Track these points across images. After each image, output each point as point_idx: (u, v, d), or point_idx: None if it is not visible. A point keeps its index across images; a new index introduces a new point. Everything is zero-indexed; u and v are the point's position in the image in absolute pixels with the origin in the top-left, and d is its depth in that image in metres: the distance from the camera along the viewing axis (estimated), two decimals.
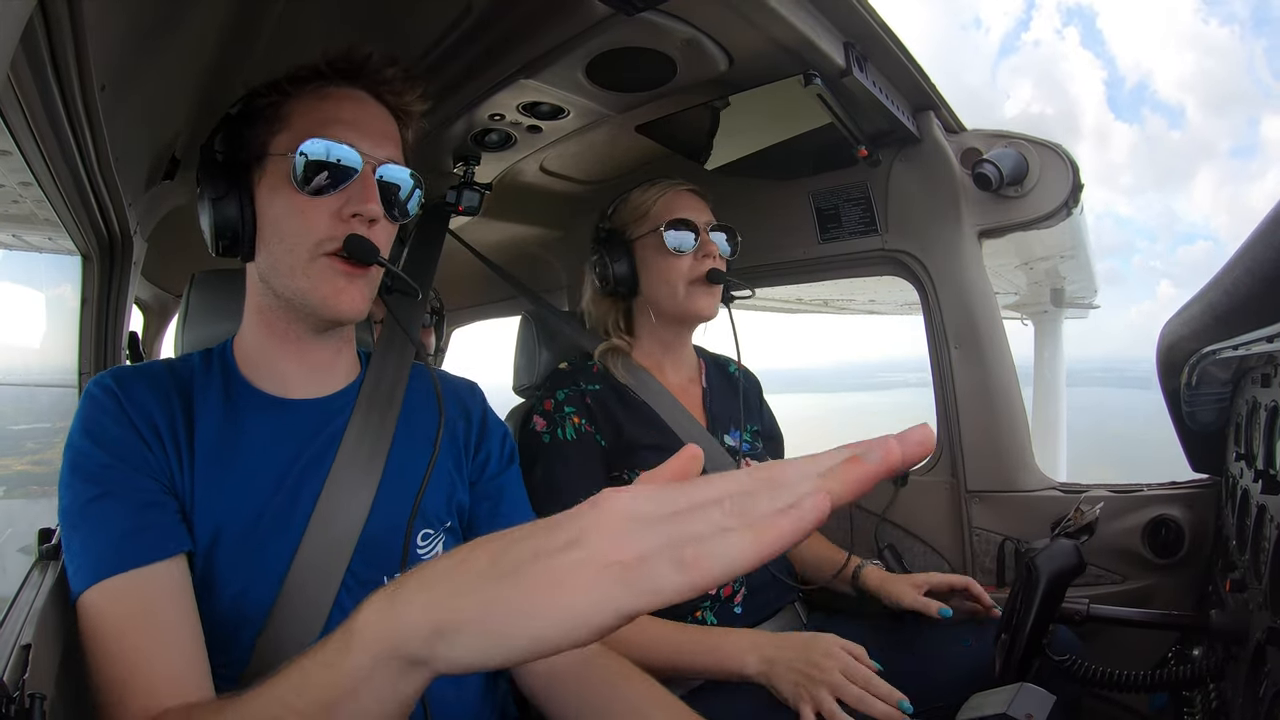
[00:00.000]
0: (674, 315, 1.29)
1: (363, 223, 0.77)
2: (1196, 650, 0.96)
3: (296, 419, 0.83)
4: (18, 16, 0.45)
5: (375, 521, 0.81)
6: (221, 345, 0.87)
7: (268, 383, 0.83)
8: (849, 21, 1.10)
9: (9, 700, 0.51)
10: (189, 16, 0.88)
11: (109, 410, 0.75)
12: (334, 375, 0.87)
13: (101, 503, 0.70)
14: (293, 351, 0.83)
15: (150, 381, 0.78)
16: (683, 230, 1.25)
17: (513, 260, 1.92)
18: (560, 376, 1.27)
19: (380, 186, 0.79)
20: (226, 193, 0.77)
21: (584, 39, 1.02)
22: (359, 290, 0.79)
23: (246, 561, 0.75)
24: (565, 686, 0.84)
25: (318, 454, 0.82)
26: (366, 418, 0.86)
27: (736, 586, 1.20)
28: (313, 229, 0.76)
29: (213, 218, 0.77)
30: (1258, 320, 0.69)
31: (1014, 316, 6.67)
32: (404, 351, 0.95)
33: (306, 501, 0.79)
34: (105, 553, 0.68)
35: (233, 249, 0.79)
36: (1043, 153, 1.36)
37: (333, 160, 0.75)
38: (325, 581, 0.77)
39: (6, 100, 0.70)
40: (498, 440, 0.97)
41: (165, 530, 0.72)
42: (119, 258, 1.31)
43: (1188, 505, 1.24)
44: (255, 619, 0.74)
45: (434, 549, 0.85)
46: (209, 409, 0.79)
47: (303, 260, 0.77)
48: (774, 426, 1.49)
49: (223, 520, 0.75)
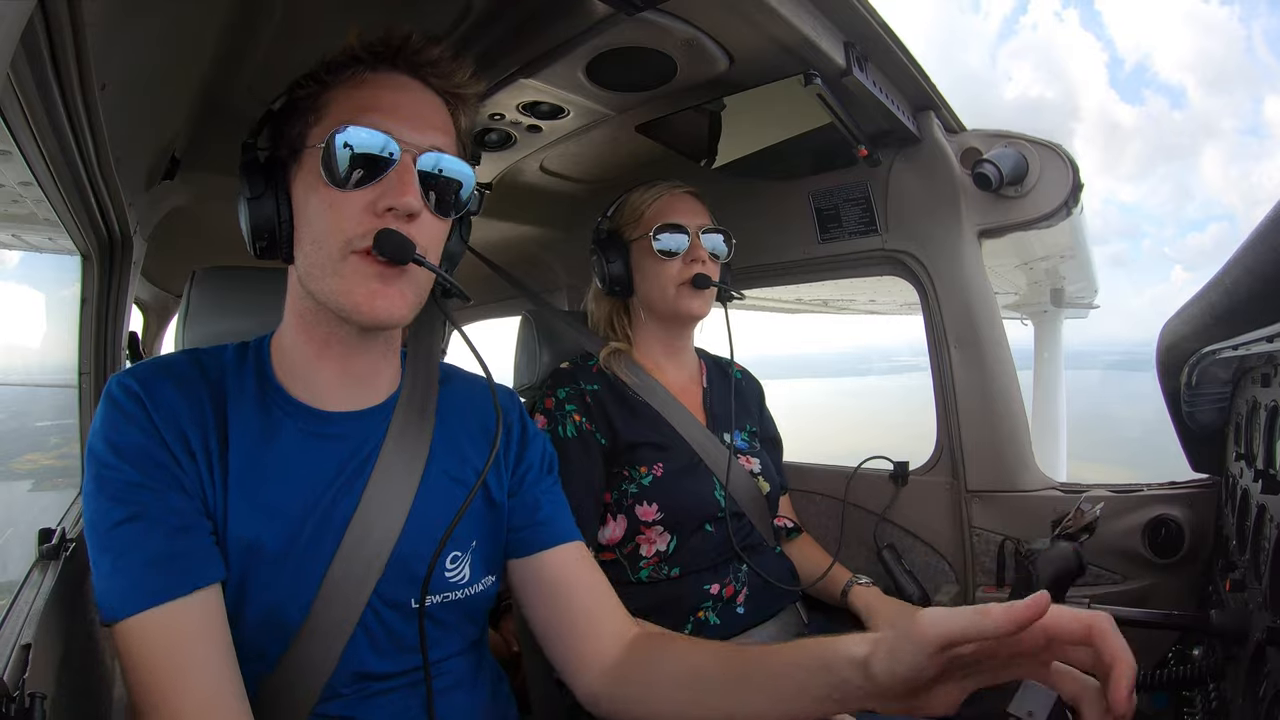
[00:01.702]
0: (665, 315, 1.31)
1: (398, 217, 0.70)
2: (1196, 650, 0.97)
3: (334, 434, 0.78)
4: (18, 16, 0.45)
5: (406, 541, 0.77)
6: (259, 341, 0.81)
7: (305, 391, 0.78)
8: (849, 21, 1.10)
9: (9, 700, 0.51)
10: (189, 16, 0.88)
11: (134, 418, 0.69)
12: (375, 387, 0.82)
13: (132, 525, 0.66)
14: (332, 359, 0.78)
15: (178, 381, 0.73)
16: (673, 235, 1.26)
17: (513, 260, 1.92)
18: (561, 375, 1.28)
19: (424, 178, 0.72)
20: (263, 191, 0.72)
21: (584, 39, 1.02)
22: (398, 293, 0.72)
23: (277, 583, 0.72)
24: (618, 676, 0.82)
25: (354, 472, 0.77)
26: (404, 429, 0.81)
27: (739, 587, 1.20)
28: (342, 225, 0.70)
29: (249, 218, 0.73)
30: (1258, 320, 0.70)
31: (1014, 316, 6.69)
32: (432, 355, 0.90)
33: (340, 521, 0.75)
34: (136, 582, 0.65)
35: (270, 250, 0.74)
36: (1042, 152, 1.36)
37: (364, 149, 0.69)
38: (353, 602, 0.74)
39: (6, 100, 0.70)
40: (538, 451, 0.93)
41: (199, 558, 0.68)
42: (119, 258, 1.31)
43: (1188, 505, 1.24)
44: (281, 638, 0.72)
45: (462, 570, 0.82)
46: (243, 417, 0.74)
47: (333, 259, 0.70)
48: (773, 430, 1.49)
49: (255, 540, 0.71)
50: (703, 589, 1.18)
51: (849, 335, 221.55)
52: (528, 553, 0.87)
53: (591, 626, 0.85)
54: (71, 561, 0.88)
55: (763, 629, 1.21)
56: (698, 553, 1.19)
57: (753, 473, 1.30)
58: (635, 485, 1.19)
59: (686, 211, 1.29)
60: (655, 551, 1.19)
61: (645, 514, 1.18)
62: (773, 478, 1.33)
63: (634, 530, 1.19)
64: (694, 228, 1.27)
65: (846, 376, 64.22)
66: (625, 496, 1.19)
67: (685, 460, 1.23)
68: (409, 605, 0.77)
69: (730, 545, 1.21)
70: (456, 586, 0.82)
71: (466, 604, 0.83)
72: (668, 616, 1.15)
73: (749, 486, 1.28)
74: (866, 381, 55.46)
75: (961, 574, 1.45)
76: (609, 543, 1.20)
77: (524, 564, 0.87)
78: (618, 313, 1.36)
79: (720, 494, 1.22)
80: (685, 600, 1.17)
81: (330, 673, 0.73)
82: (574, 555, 0.89)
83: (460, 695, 0.83)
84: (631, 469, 1.19)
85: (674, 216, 1.27)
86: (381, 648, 0.76)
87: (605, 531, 1.20)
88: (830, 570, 1.34)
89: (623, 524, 1.19)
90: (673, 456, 1.22)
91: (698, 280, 1.25)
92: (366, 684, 0.76)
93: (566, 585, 0.86)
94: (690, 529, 1.19)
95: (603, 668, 0.82)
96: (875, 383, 53.40)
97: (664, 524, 1.18)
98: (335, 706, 0.75)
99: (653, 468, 1.20)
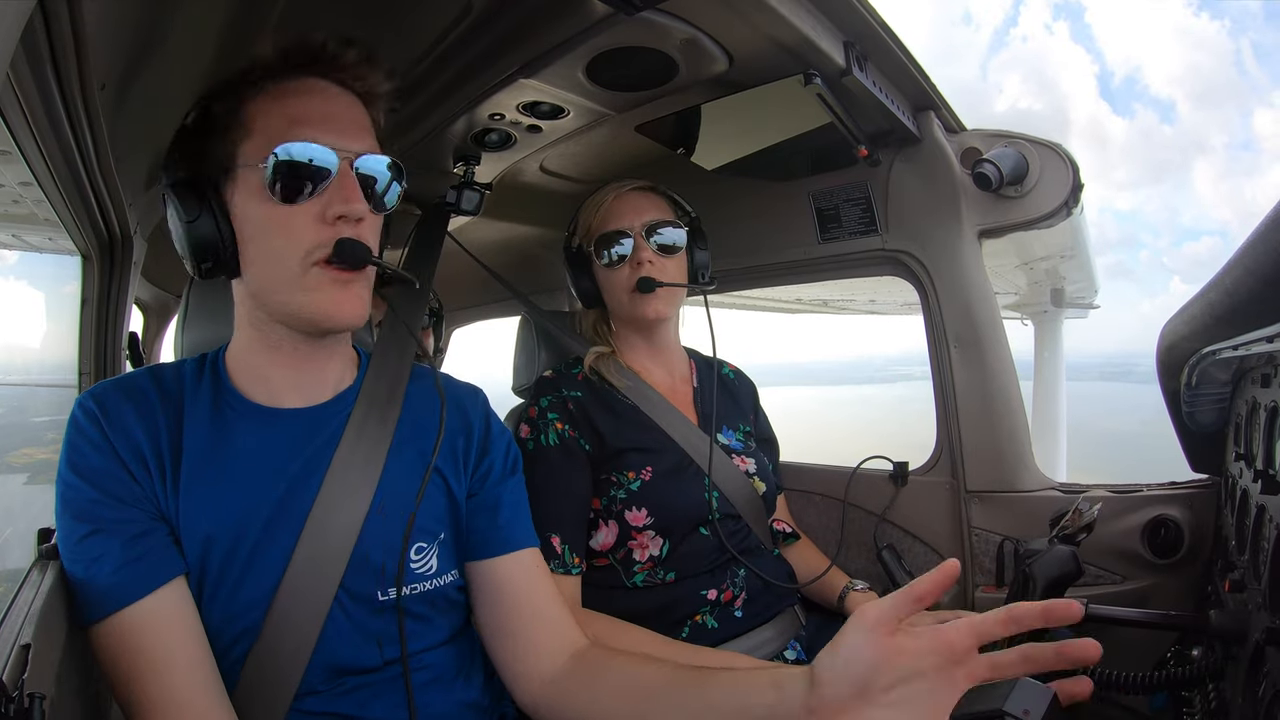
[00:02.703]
0: (629, 321, 1.31)
1: (349, 223, 0.74)
2: (1196, 650, 0.96)
3: (286, 428, 0.81)
4: (18, 16, 0.45)
5: (370, 533, 0.79)
6: (215, 352, 0.85)
7: (258, 392, 0.81)
8: (849, 21, 1.10)
9: (9, 700, 0.51)
10: (189, 16, 0.88)
11: (92, 439, 0.73)
12: (327, 382, 0.85)
13: (93, 539, 0.71)
14: (285, 360, 0.81)
15: (135, 399, 0.77)
16: (613, 242, 1.25)
17: (513, 260, 1.92)
18: (544, 384, 1.27)
19: (360, 180, 0.75)
20: (199, 213, 0.74)
21: (584, 38, 1.02)
22: (357, 295, 0.76)
23: (236, 574, 0.74)
24: (561, 688, 0.84)
25: (309, 463, 0.80)
26: (364, 421, 0.83)
27: (736, 591, 1.20)
28: (299, 240, 0.73)
29: (188, 241, 0.74)
30: (1258, 320, 0.70)
31: (1014, 316, 6.69)
32: (404, 351, 0.93)
33: (298, 512, 0.77)
34: (104, 588, 0.69)
35: (216, 270, 0.76)
36: (1043, 152, 1.36)
37: (307, 163, 0.72)
38: (318, 594, 0.76)
39: (6, 100, 0.70)
40: (501, 449, 0.94)
41: (157, 558, 0.72)
42: (119, 258, 1.31)
43: (1187, 505, 1.24)
44: (249, 631, 0.74)
45: (429, 562, 0.84)
46: (197, 422, 0.77)
47: (294, 274, 0.73)
48: (768, 429, 1.49)
49: (210, 534, 0.74)
50: (699, 594, 1.17)
51: (844, 342, 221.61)
52: (481, 556, 0.89)
53: (535, 636, 0.87)
54: None
55: (760, 632, 1.21)
56: (693, 557, 1.18)
57: (748, 473, 1.29)
58: (623, 491, 1.18)
59: (629, 212, 1.27)
60: (649, 556, 1.18)
61: (635, 519, 1.17)
62: (768, 478, 1.32)
63: (625, 536, 1.18)
64: (638, 227, 1.25)
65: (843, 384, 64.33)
66: (614, 503, 1.18)
67: (675, 461, 1.22)
68: (376, 598, 0.80)
69: (726, 548, 1.20)
70: (423, 578, 0.83)
71: (436, 595, 0.84)
72: (664, 621, 1.15)
73: (743, 487, 1.27)
74: (860, 390, 55.49)
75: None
76: (601, 549, 1.19)
77: (477, 566, 0.89)
78: (601, 321, 1.36)
79: (713, 494, 1.21)
80: (682, 605, 1.17)
81: (304, 667, 0.75)
82: (527, 563, 0.91)
83: (443, 689, 0.84)
84: (619, 474, 1.19)
85: (614, 222, 1.26)
86: (353, 641, 0.78)
87: (597, 537, 1.19)
88: (827, 572, 1.34)
89: (614, 529, 1.18)
90: (661, 459, 1.21)
91: (641, 284, 1.23)
92: (344, 679, 0.78)
93: (513, 593, 0.88)
94: (682, 532, 1.19)
95: (543, 678, 0.84)
96: (869, 391, 53.46)
97: (654, 528, 1.17)
98: (314, 702, 0.76)
99: (640, 472, 1.19)
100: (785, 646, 1.22)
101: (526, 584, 0.90)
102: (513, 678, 0.87)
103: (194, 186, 0.75)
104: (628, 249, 1.25)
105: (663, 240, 1.26)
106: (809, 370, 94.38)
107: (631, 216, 1.26)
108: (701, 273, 1.33)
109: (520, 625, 0.88)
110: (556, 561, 1.11)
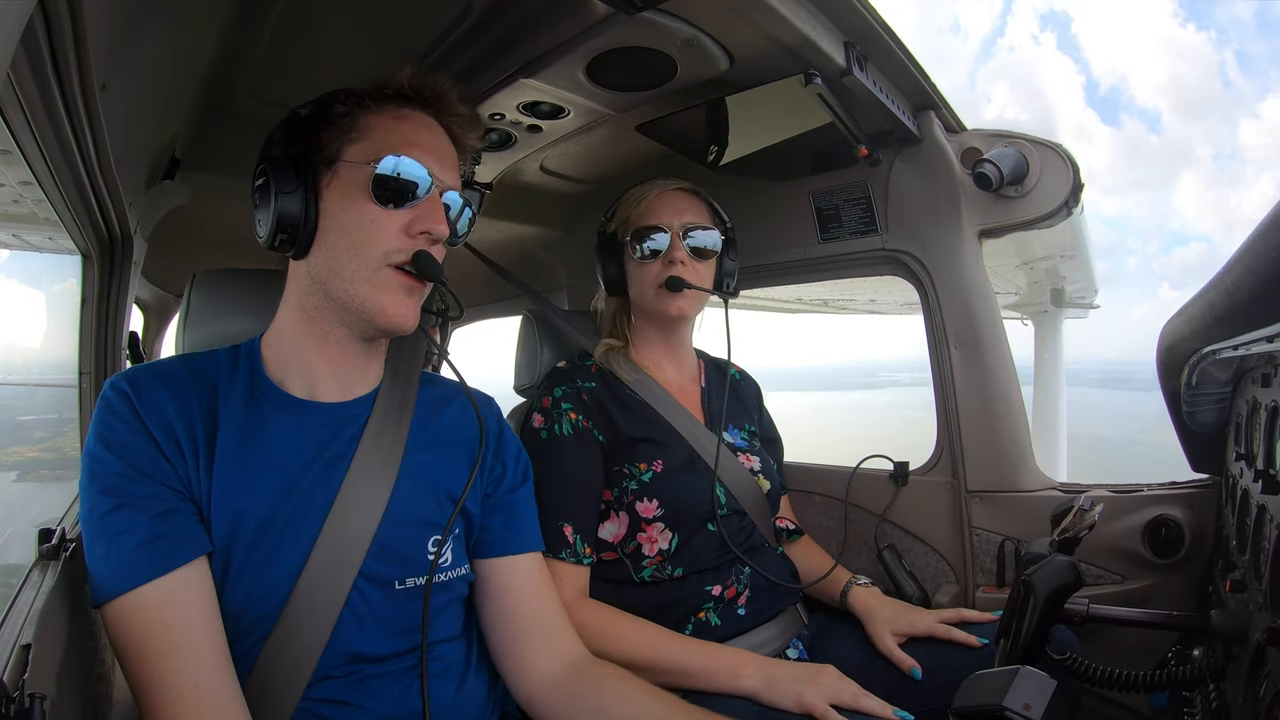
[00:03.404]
0: (651, 314, 1.31)
1: (429, 241, 0.81)
2: (1196, 650, 0.97)
3: (319, 420, 0.84)
4: (18, 16, 0.45)
5: (389, 523, 0.83)
6: (250, 343, 0.88)
7: (295, 384, 0.85)
8: (849, 21, 1.10)
9: (9, 700, 0.51)
10: (189, 16, 0.88)
11: (123, 415, 0.76)
12: (362, 381, 0.89)
13: (119, 513, 0.72)
14: (329, 354, 0.85)
15: (167, 383, 0.79)
16: (650, 236, 1.26)
17: (513, 260, 1.92)
18: (558, 375, 1.28)
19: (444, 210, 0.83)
20: (294, 189, 0.79)
21: (584, 38, 1.02)
22: (414, 305, 0.83)
23: (262, 557, 0.77)
24: (560, 690, 0.89)
25: (336, 455, 0.83)
26: (384, 420, 0.87)
27: (740, 589, 1.20)
28: (382, 240, 0.79)
29: (276, 212, 0.78)
30: (1258, 320, 0.70)
31: (1014, 316, 6.69)
32: (415, 356, 0.97)
33: (322, 501, 0.80)
34: (125, 564, 0.71)
35: (288, 245, 0.81)
36: (1043, 152, 1.36)
37: (408, 178, 0.80)
38: (338, 581, 0.78)
39: (6, 100, 0.70)
40: (513, 457, 1.00)
41: (183, 535, 0.73)
42: (119, 257, 1.31)
43: (1188, 505, 1.24)
44: (268, 616, 0.76)
45: (445, 554, 0.87)
46: (231, 410, 0.80)
47: (369, 269, 0.79)
48: (773, 429, 1.50)
49: (238, 516, 0.76)
50: (705, 590, 1.18)
51: (835, 347, 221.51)
52: (489, 555, 0.94)
53: (534, 636, 0.93)
54: (71, 561, 0.88)
55: (763, 630, 1.21)
56: (701, 552, 1.19)
57: (752, 470, 1.30)
58: (635, 482, 1.19)
59: (670, 210, 1.27)
60: (658, 550, 1.18)
61: (646, 510, 1.18)
62: (772, 476, 1.33)
63: (635, 528, 1.19)
64: (676, 227, 1.26)
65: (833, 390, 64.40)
66: (625, 493, 1.19)
67: (684, 457, 1.23)
68: (393, 585, 0.83)
69: (730, 547, 1.20)
70: (441, 569, 0.87)
71: (449, 588, 0.88)
72: (669, 616, 1.15)
73: (749, 484, 1.27)
74: (850, 396, 55.52)
75: (961, 574, 1.45)
76: (612, 540, 1.20)
77: (484, 564, 0.94)
78: (621, 312, 1.36)
79: (719, 490, 1.22)
80: (687, 601, 1.17)
81: (320, 652, 0.77)
82: (532, 566, 0.97)
83: (454, 682, 0.86)
84: (631, 465, 1.19)
85: (654, 217, 1.27)
86: (370, 629, 0.80)
87: (608, 529, 1.20)
88: (831, 572, 1.34)
89: (625, 521, 1.19)
90: (671, 453, 1.22)
91: (669, 283, 1.24)
92: (359, 666, 0.80)
93: (516, 593, 0.94)
94: (692, 527, 1.19)
95: (542, 678, 0.91)
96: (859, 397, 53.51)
97: (665, 520, 1.18)
98: (328, 689, 0.78)
99: (652, 464, 1.20)
100: (788, 645, 1.23)
101: (529, 585, 0.95)
102: (510, 671, 0.92)
103: (295, 166, 0.80)
104: (662, 245, 1.26)
105: (697, 243, 1.27)
106: (800, 376, 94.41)
107: (671, 215, 1.27)
108: (727, 281, 1.34)
109: (520, 626, 0.92)
110: (568, 550, 1.12)
